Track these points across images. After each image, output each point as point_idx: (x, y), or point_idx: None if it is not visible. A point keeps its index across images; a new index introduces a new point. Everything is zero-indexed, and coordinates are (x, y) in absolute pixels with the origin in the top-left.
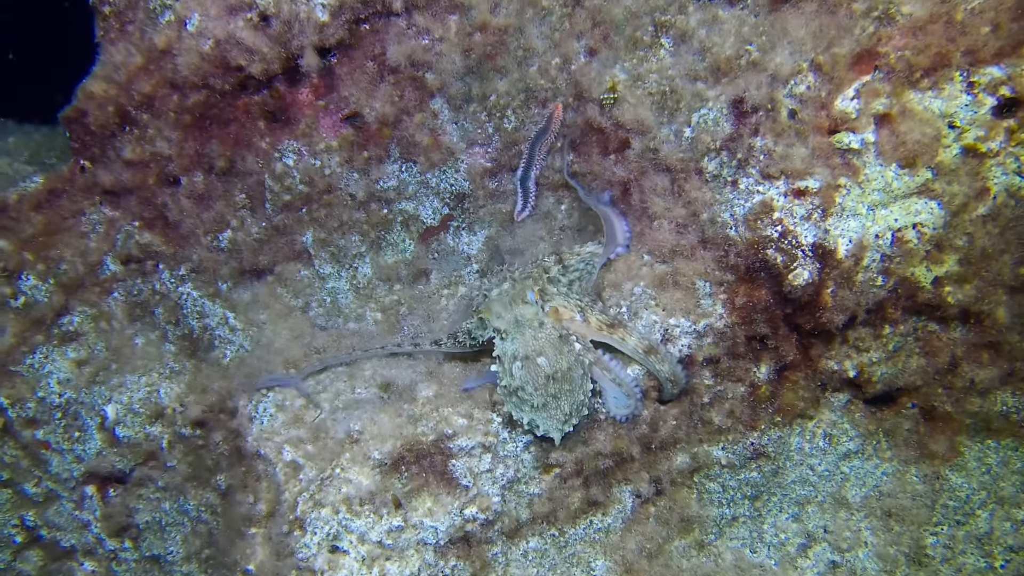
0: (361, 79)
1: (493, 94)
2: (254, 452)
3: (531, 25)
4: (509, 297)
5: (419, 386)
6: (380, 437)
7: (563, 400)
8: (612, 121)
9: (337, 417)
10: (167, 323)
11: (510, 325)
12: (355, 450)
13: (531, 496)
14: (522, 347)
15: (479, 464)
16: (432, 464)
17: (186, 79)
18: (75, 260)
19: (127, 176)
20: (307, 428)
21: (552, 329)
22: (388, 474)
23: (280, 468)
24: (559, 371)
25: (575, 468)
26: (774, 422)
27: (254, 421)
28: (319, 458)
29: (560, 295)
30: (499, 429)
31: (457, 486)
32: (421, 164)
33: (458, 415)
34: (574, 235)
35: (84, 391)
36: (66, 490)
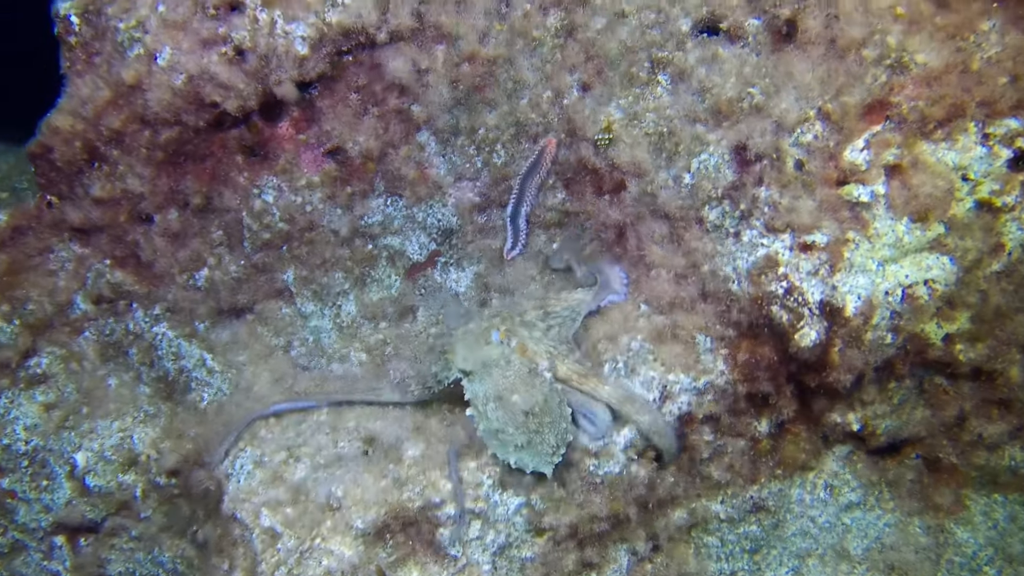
0: (344, 112)
1: (482, 127)
2: (230, 515)
3: (521, 57)
4: (474, 337)
5: (405, 444)
6: (363, 503)
7: (547, 432)
8: (607, 162)
9: (319, 477)
10: (141, 364)
11: (476, 366)
12: (337, 518)
13: (523, 561)
14: (492, 387)
15: (468, 531)
16: (419, 532)
17: (157, 115)
18: (42, 300)
19: (97, 214)
20: (287, 488)
21: (520, 365)
22: (372, 544)
23: (257, 535)
24: (536, 405)
25: (569, 531)
26: (775, 475)
27: (231, 478)
28: (299, 525)
29: (532, 339)
30: (489, 493)
31: (445, 556)
32: (407, 198)
33: (446, 479)
34: (566, 275)
35: (52, 437)
36: (34, 540)
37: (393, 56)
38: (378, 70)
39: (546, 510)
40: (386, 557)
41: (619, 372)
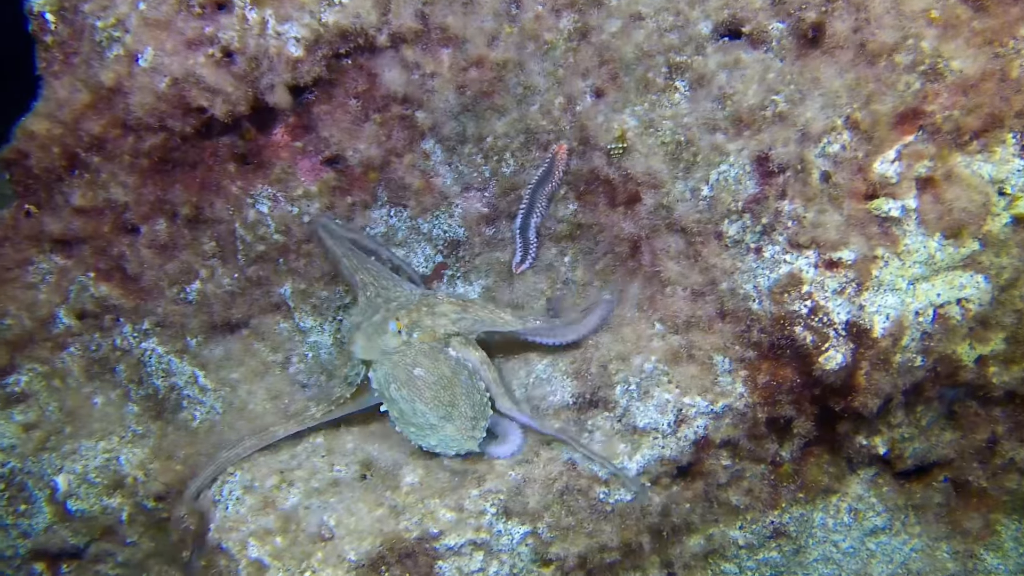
0: (343, 119)
1: (490, 135)
2: (215, 545)
3: (532, 61)
4: (373, 328)
5: (403, 469)
6: (357, 533)
7: (461, 404)
8: (621, 173)
9: (311, 504)
10: (129, 382)
11: (376, 355)
12: (328, 549)
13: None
14: (392, 369)
15: (469, 564)
16: (416, 565)
17: (140, 120)
18: (21, 314)
19: (78, 224)
20: (277, 516)
21: (420, 345)
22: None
23: (244, 567)
24: (443, 376)
25: (578, 562)
26: (796, 499)
27: (218, 505)
28: (288, 556)
29: (437, 327)
30: (492, 522)
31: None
32: (412, 209)
33: (446, 508)
34: (579, 290)
35: (31, 459)
36: (10, 568)
37: (390, 66)
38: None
39: (553, 539)
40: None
41: (632, 395)
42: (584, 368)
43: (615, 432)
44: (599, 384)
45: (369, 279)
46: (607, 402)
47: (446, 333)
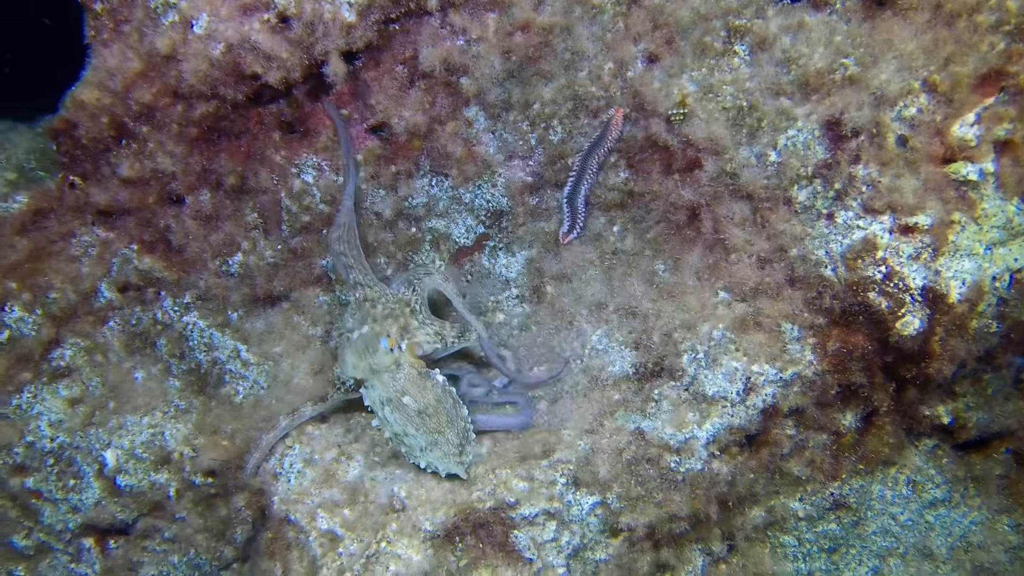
0: (390, 85)
1: (537, 102)
2: (282, 517)
3: (580, 25)
4: (364, 343)
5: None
6: (430, 504)
7: (447, 431)
8: (680, 139)
9: (376, 476)
10: (171, 356)
11: (367, 373)
12: (402, 519)
13: (597, 563)
14: (384, 392)
15: (543, 533)
16: (490, 535)
17: (192, 88)
18: (65, 287)
19: (124, 195)
20: (342, 488)
21: (409, 368)
22: (441, 547)
23: (315, 538)
24: (428, 406)
25: (647, 532)
26: (857, 470)
27: (280, 478)
28: (360, 527)
29: (421, 327)
30: (563, 492)
31: (520, 559)
32: (453, 178)
33: (518, 478)
34: (629, 259)
35: (79, 434)
36: (60, 542)
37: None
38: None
39: (623, 509)
40: (455, 561)
41: (700, 363)
42: (644, 338)
43: (682, 401)
44: (664, 353)
45: (361, 279)
46: (673, 371)
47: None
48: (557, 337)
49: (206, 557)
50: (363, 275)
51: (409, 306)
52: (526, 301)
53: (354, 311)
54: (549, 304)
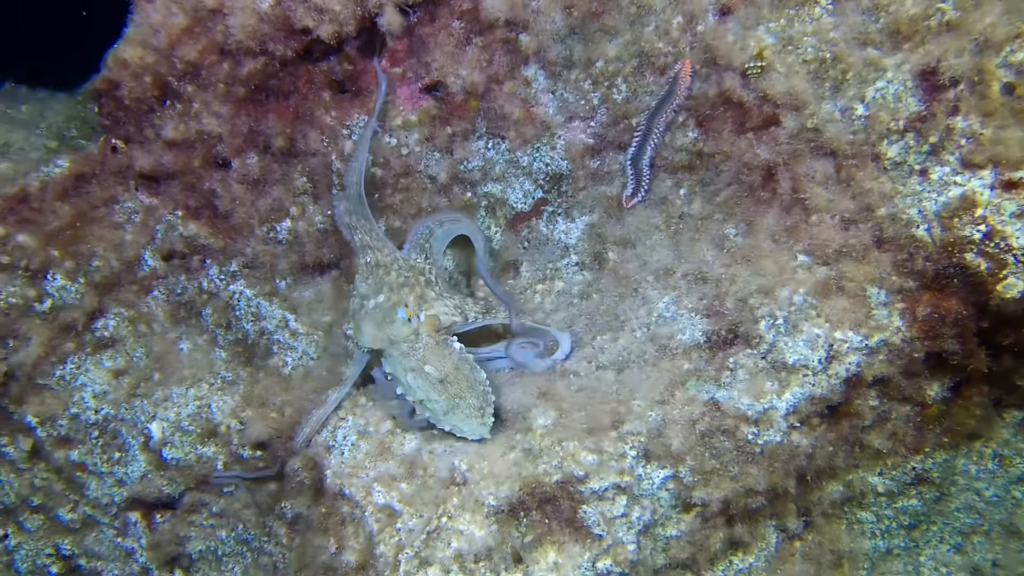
0: (446, 41)
1: (600, 59)
2: (336, 491)
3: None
4: (382, 314)
5: (533, 411)
6: (493, 477)
7: (467, 396)
8: (757, 94)
9: (435, 449)
10: (217, 326)
11: (384, 344)
12: (464, 494)
13: (668, 539)
14: (407, 362)
15: (612, 508)
16: (557, 510)
17: (240, 44)
18: (108, 255)
19: (169, 158)
20: (399, 461)
21: (428, 339)
22: (506, 523)
23: (371, 513)
24: (448, 374)
25: (721, 507)
26: (941, 444)
27: (332, 451)
28: (419, 502)
29: (439, 299)
30: (634, 465)
31: (588, 535)
32: (511, 141)
33: (586, 450)
34: (697, 224)
35: (124, 406)
36: (106, 516)
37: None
38: None
39: (696, 483)
40: (520, 537)
41: (779, 329)
42: (717, 304)
43: (760, 370)
44: (738, 320)
45: (369, 241)
46: (749, 338)
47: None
48: (621, 305)
49: (255, 532)
50: (371, 236)
51: (423, 275)
52: (586, 268)
53: (366, 276)
54: (611, 271)
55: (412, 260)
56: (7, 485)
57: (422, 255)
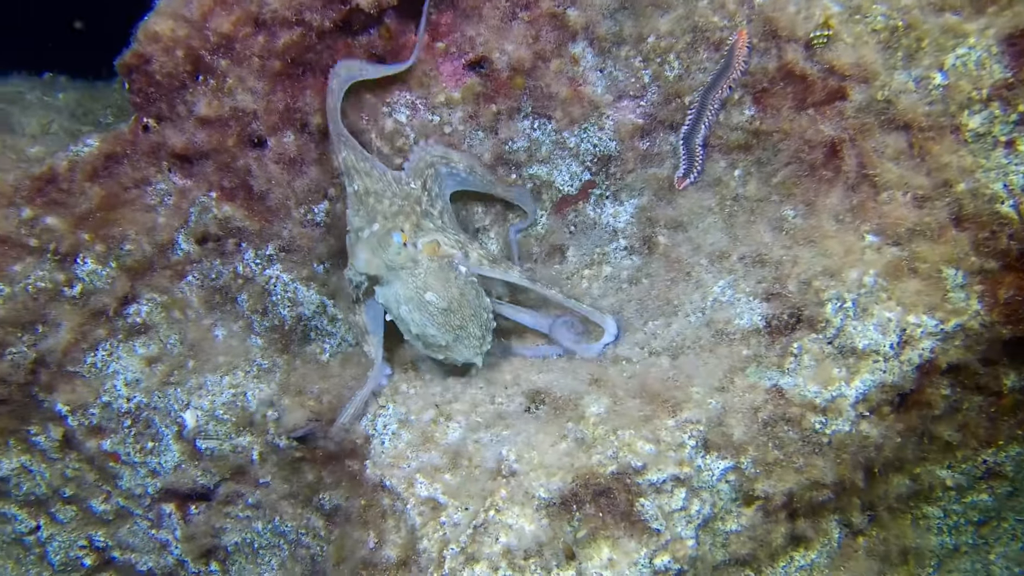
0: (492, 16)
1: (652, 35)
2: (377, 482)
3: None
4: (377, 239)
5: (585, 399)
6: (544, 469)
7: (470, 326)
8: (821, 66)
9: (481, 438)
10: (253, 312)
11: (382, 270)
12: (512, 486)
13: (728, 534)
14: (402, 290)
15: (671, 501)
16: (612, 503)
17: (276, 14)
18: (140, 238)
19: (202, 137)
20: (442, 452)
21: (429, 263)
22: (557, 517)
23: (413, 506)
24: (452, 300)
25: (784, 501)
26: (1014, 436)
27: (372, 440)
28: (464, 494)
29: (438, 230)
30: (693, 455)
31: (645, 530)
32: (557, 120)
33: (643, 439)
34: (753, 206)
35: (157, 394)
36: (140, 507)
37: None
38: None
39: (758, 475)
40: (572, 532)
41: (847, 313)
42: (777, 287)
43: (826, 355)
44: (802, 303)
45: (354, 162)
46: (815, 322)
47: (454, 240)
48: (674, 289)
49: (292, 524)
50: (358, 159)
51: (420, 205)
52: (636, 252)
53: (357, 207)
54: (662, 255)
55: (408, 187)
56: (39, 475)
57: (419, 182)
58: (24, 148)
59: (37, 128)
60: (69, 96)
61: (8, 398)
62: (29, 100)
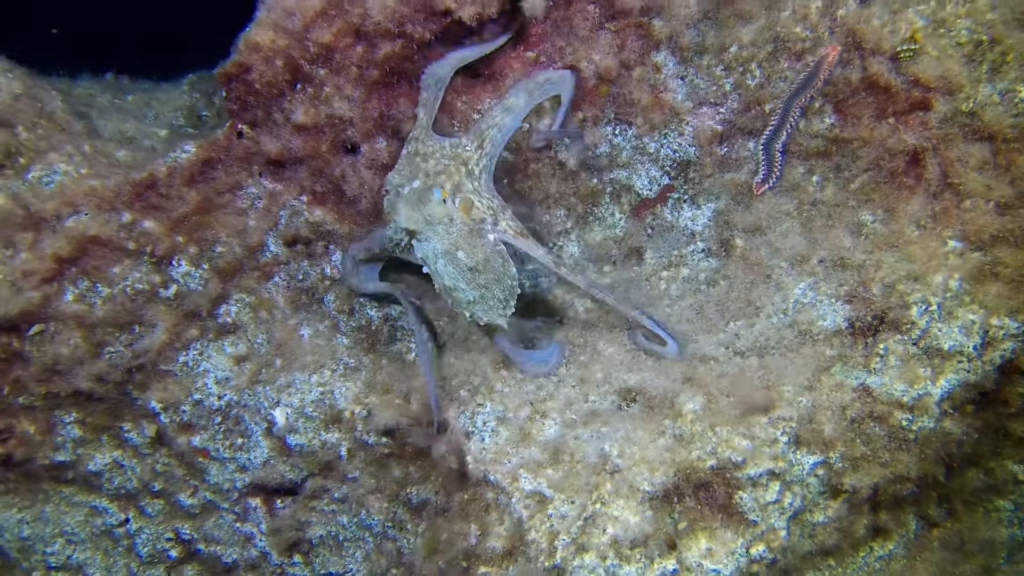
0: (581, 26)
1: (734, 44)
2: (480, 478)
3: None
4: (417, 195)
5: (681, 396)
6: (646, 463)
7: (494, 288)
8: (905, 78)
9: (580, 434)
10: (339, 312)
11: (420, 225)
12: (617, 480)
13: (815, 525)
14: (439, 244)
15: (766, 495)
16: (711, 496)
17: (378, 26)
18: (231, 241)
19: (298, 143)
20: (541, 448)
21: (462, 224)
22: (660, 509)
23: (519, 499)
24: (478, 263)
25: (869, 494)
26: None
27: (472, 437)
28: (569, 488)
29: (475, 193)
30: (785, 450)
31: (742, 521)
32: (638, 127)
33: (740, 436)
34: (831, 210)
35: (247, 392)
36: (227, 501)
37: None
38: None
39: (846, 470)
40: (672, 523)
41: (933, 315)
42: (860, 290)
43: (912, 356)
44: (886, 306)
45: (415, 132)
46: (900, 324)
47: (487, 206)
48: (755, 291)
49: (378, 518)
50: (418, 128)
51: (466, 165)
52: (713, 255)
53: (403, 167)
54: (740, 257)
55: (461, 148)
56: (129, 470)
57: (475, 144)
58: (113, 152)
59: (116, 131)
60: (137, 98)
61: (105, 396)
62: (102, 103)
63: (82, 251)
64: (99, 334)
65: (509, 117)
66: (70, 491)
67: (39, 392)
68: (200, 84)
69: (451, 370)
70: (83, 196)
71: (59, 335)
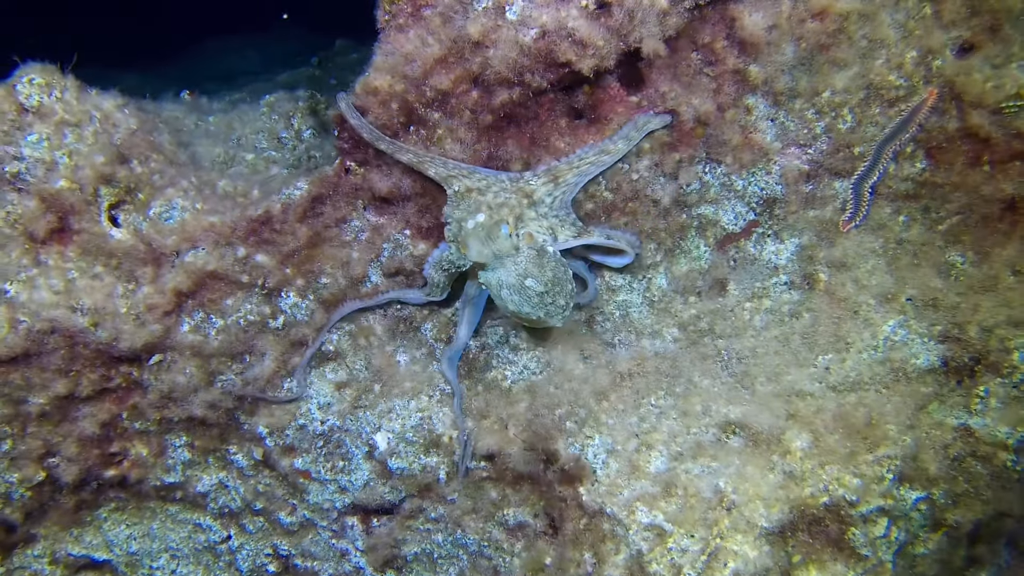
0: (684, 72)
1: (827, 90)
2: (597, 509)
3: (883, 12)
4: (485, 231)
5: (788, 433)
6: (762, 500)
7: (559, 299)
8: (1008, 131)
9: (691, 468)
10: (436, 340)
11: (488, 258)
12: (735, 515)
13: (916, 557)
14: (505, 276)
15: (875, 530)
16: (823, 531)
17: (498, 75)
18: (335, 273)
19: (408, 183)
20: (652, 480)
21: (528, 250)
22: (777, 544)
23: (636, 532)
24: (547, 282)
25: (971, 529)
26: None
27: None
28: (687, 522)
29: (536, 219)
30: (891, 487)
31: (852, 554)
32: (727, 165)
33: (850, 474)
34: (917, 249)
35: (349, 417)
36: (326, 520)
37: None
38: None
39: (949, 506)
40: (786, 556)
41: None
42: (956, 332)
43: (1013, 398)
44: (984, 349)
45: (446, 172)
46: (999, 367)
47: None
48: (843, 326)
49: (474, 537)
50: (453, 168)
51: (528, 197)
52: (796, 288)
53: (456, 203)
54: (824, 292)
55: (523, 182)
56: (234, 490)
57: (543, 179)
58: (215, 182)
59: (208, 156)
60: (218, 119)
61: (216, 422)
62: (188, 126)
63: (200, 285)
64: (213, 363)
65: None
66: (176, 509)
67: (155, 418)
68: (278, 106)
69: (551, 400)
70: (202, 232)
71: (175, 364)
